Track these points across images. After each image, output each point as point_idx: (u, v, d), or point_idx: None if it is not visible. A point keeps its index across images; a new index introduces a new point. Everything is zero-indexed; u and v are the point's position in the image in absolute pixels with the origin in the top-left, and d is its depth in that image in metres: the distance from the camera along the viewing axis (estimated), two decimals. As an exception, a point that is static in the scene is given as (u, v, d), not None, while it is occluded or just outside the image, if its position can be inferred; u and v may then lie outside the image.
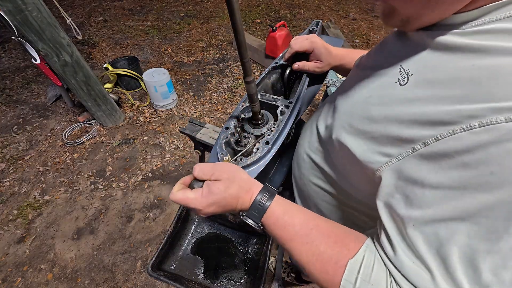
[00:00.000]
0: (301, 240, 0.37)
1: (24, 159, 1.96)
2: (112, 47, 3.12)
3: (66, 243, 1.55)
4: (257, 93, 0.48)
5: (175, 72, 2.75)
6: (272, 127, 0.56)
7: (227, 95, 2.49)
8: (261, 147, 0.52)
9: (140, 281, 1.41)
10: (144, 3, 4.07)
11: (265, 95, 0.62)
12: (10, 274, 1.43)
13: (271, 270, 1.44)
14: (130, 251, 1.52)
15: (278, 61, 0.73)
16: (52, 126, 2.21)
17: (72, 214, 1.68)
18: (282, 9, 3.81)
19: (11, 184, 1.82)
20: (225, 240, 1.17)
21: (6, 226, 1.62)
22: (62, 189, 1.80)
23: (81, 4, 4.00)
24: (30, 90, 2.55)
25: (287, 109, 0.58)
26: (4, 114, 2.31)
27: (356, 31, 3.31)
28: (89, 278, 1.42)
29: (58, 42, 1.58)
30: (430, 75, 0.30)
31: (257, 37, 3.13)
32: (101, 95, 1.96)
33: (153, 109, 2.36)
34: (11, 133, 2.15)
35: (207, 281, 1.07)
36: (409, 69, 0.33)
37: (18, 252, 1.51)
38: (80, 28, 3.14)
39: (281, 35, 2.45)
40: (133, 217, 1.66)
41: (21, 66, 2.84)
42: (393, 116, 0.33)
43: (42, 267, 1.46)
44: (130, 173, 1.89)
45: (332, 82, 1.56)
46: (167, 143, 2.08)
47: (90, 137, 2.10)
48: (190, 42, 3.21)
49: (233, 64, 2.86)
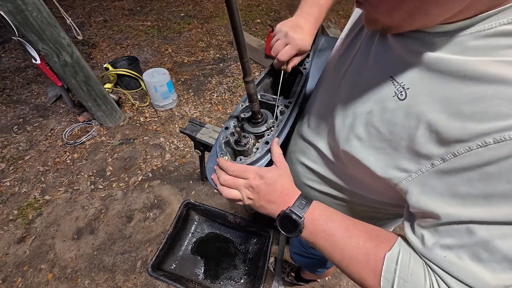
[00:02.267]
0: (343, 234, 0.38)
1: (24, 159, 1.96)
2: (112, 47, 3.12)
3: (66, 243, 1.55)
4: (257, 93, 0.48)
5: (175, 72, 2.75)
6: (272, 124, 0.56)
7: (227, 95, 2.49)
8: (260, 147, 0.52)
9: (140, 281, 1.41)
10: (144, 3, 4.08)
11: (265, 95, 0.62)
12: (10, 274, 1.43)
13: (271, 270, 1.44)
14: (130, 251, 1.52)
15: (278, 61, 0.73)
16: (52, 126, 2.21)
17: (72, 214, 1.68)
18: (282, 9, 3.81)
19: (11, 184, 1.82)
20: (225, 240, 1.17)
21: (6, 226, 1.62)
22: (62, 189, 1.80)
23: (81, 4, 4.00)
24: (30, 90, 2.55)
25: (287, 109, 0.58)
26: (4, 114, 2.31)
27: (356, 31, 3.30)
28: (89, 278, 1.42)
29: (58, 42, 1.58)
30: (429, 90, 0.30)
31: (257, 37, 3.13)
32: (101, 95, 1.96)
33: (153, 109, 2.36)
34: (11, 133, 2.15)
35: (207, 281, 1.07)
36: (404, 82, 0.33)
37: (18, 252, 1.51)
38: (80, 28, 3.14)
39: (281, 35, 2.45)
40: (133, 217, 1.67)
41: (21, 66, 2.84)
42: (404, 133, 0.33)
43: (42, 267, 1.46)
44: (130, 173, 1.89)
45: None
46: (167, 143, 2.08)
47: (90, 137, 2.10)
48: (190, 42, 3.21)
49: (233, 64, 2.86)
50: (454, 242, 0.29)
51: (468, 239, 0.28)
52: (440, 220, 0.30)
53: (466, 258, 0.28)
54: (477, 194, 0.27)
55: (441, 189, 0.30)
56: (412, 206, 0.34)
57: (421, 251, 0.33)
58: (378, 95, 0.36)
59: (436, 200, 0.30)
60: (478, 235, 0.27)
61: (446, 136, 0.28)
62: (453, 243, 0.29)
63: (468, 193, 0.28)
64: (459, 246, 0.29)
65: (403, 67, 0.33)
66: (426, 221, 0.32)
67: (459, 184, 0.28)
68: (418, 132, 0.31)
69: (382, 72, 0.36)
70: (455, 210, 0.29)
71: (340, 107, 0.43)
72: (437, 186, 0.30)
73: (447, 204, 0.29)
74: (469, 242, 0.28)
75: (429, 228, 0.32)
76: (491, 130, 0.25)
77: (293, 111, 0.59)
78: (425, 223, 0.33)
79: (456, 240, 0.29)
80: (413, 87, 0.32)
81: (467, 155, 0.27)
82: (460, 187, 0.28)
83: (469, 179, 0.27)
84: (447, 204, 0.29)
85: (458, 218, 0.29)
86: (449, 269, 0.30)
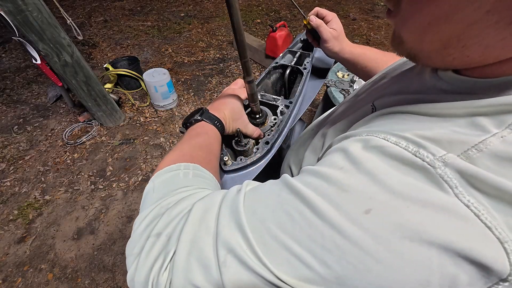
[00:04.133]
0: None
1: (24, 159, 1.96)
2: (113, 47, 3.13)
3: (67, 243, 1.55)
4: (257, 93, 0.49)
5: (175, 72, 2.75)
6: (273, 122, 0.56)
7: (227, 95, 2.49)
8: (261, 147, 0.52)
9: (140, 281, 1.41)
10: (144, 3, 4.08)
11: (265, 95, 0.62)
12: (10, 274, 1.43)
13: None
14: (130, 251, 1.52)
15: (278, 61, 0.74)
16: (53, 126, 2.21)
17: (72, 214, 1.68)
18: (282, 9, 3.81)
19: (11, 184, 1.82)
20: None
21: (7, 226, 1.62)
22: (62, 189, 1.80)
23: (81, 4, 4.01)
24: (30, 90, 2.55)
25: (287, 109, 0.58)
26: (5, 114, 2.31)
27: (356, 31, 3.30)
28: (89, 278, 1.42)
29: (58, 42, 1.58)
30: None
31: (257, 37, 3.13)
32: (101, 95, 1.96)
33: (153, 109, 2.36)
34: (12, 133, 2.15)
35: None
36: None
37: (19, 252, 1.51)
38: (80, 28, 3.14)
39: (281, 35, 2.46)
40: (133, 217, 1.66)
41: (22, 66, 2.84)
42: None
43: (42, 267, 1.46)
44: (130, 173, 1.89)
45: (332, 82, 1.55)
46: (167, 143, 2.08)
47: (90, 137, 2.11)
48: (190, 42, 3.22)
49: (233, 64, 2.86)
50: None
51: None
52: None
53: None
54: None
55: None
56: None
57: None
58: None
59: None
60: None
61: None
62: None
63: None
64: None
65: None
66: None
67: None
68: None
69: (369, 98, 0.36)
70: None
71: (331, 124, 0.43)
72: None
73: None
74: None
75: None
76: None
77: (293, 111, 0.59)
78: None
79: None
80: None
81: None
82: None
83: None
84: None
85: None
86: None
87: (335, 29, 0.61)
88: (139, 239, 0.28)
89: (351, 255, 0.19)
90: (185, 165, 0.36)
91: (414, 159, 0.20)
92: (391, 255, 0.18)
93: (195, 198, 0.31)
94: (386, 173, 0.20)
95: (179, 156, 0.38)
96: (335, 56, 0.64)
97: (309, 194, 0.22)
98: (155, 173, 0.35)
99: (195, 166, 0.36)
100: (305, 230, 0.21)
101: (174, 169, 0.35)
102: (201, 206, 0.28)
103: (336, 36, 0.61)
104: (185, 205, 0.30)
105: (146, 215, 0.29)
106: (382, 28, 3.32)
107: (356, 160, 0.22)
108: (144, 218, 0.29)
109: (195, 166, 0.36)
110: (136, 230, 0.29)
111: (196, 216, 0.27)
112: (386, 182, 0.20)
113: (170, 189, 0.32)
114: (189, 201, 0.30)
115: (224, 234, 0.25)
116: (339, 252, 0.20)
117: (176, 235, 0.26)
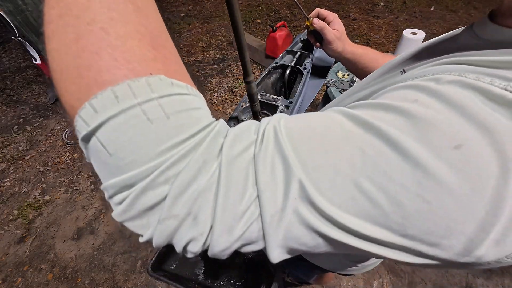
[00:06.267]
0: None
1: (24, 159, 1.96)
2: (113, 47, 3.13)
3: (66, 243, 1.55)
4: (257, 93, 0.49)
5: (175, 72, 2.75)
6: None
7: (227, 95, 2.49)
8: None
9: (140, 281, 1.41)
10: (144, 3, 4.08)
11: (265, 95, 0.62)
12: (10, 274, 1.43)
13: (271, 270, 1.44)
14: (130, 251, 1.52)
15: (278, 61, 0.74)
16: (53, 126, 2.21)
17: (72, 214, 1.68)
18: (282, 9, 3.81)
19: (11, 184, 1.82)
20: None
21: (7, 226, 1.62)
22: (62, 189, 1.80)
23: (81, 4, 4.01)
24: (30, 90, 2.55)
25: (287, 109, 0.58)
26: (5, 114, 2.31)
27: (356, 31, 3.30)
28: (89, 278, 1.42)
29: (58, 42, 1.58)
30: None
31: (257, 37, 3.13)
32: (101, 95, 1.96)
33: (153, 109, 2.36)
34: (12, 133, 2.15)
35: (207, 281, 1.07)
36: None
37: (19, 252, 1.51)
38: (80, 28, 3.14)
39: (281, 35, 2.46)
40: (133, 217, 1.66)
41: (22, 66, 2.84)
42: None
43: (42, 267, 1.46)
44: (130, 173, 1.89)
45: (332, 82, 1.55)
46: (167, 143, 2.08)
47: (90, 137, 2.11)
48: (190, 42, 3.22)
49: (233, 64, 2.86)
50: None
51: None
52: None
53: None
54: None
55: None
56: None
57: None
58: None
59: None
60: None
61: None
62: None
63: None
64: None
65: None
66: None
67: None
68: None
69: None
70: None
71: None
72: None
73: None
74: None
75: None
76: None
77: (293, 111, 0.59)
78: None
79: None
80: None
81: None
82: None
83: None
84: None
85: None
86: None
87: (338, 30, 0.62)
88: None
89: (431, 192, 0.17)
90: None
91: (504, 93, 0.17)
92: (473, 194, 0.17)
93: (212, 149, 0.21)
94: (473, 107, 0.18)
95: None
96: (337, 56, 0.64)
97: (384, 127, 0.19)
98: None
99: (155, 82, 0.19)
100: (381, 166, 0.19)
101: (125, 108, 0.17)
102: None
103: (339, 37, 0.62)
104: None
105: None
106: (382, 28, 3.32)
107: (436, 92, 0.20)
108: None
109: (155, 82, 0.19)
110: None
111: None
112: (475, 116, 0.18)
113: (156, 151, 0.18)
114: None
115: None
116: (418, 189, 0.18)
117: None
